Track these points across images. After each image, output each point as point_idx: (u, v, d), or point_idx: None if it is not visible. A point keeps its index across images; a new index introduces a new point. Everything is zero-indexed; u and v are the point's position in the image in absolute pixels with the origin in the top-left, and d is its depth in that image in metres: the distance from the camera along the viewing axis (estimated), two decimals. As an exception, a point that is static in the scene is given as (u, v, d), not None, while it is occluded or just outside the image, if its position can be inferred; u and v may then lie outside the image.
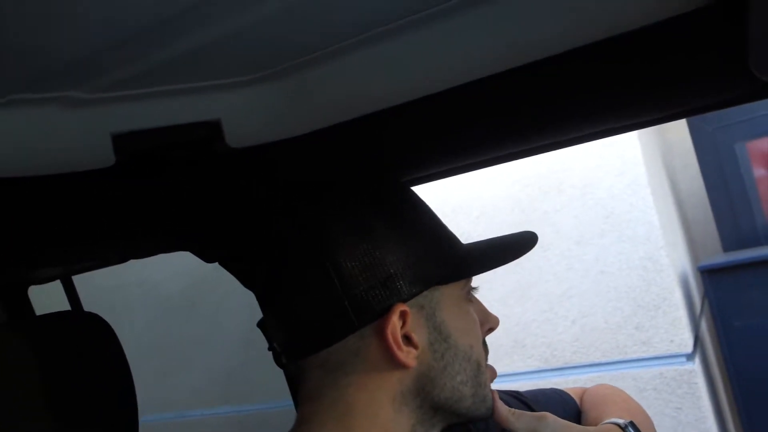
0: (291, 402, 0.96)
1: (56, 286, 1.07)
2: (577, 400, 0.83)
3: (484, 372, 0.65)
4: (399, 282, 0.59)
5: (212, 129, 0.63)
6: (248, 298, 0.76)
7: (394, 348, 0.58)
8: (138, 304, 2.53)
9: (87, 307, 1.13)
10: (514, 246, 0.69)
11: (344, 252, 0.59)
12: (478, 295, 0.70)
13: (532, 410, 0.78)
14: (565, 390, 0.84)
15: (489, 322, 0.69)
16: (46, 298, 1.15)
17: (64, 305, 1.11)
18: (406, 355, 0.58)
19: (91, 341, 0.73)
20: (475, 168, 0.77)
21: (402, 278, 0.59)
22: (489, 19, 0.55)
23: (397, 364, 0.59)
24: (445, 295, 0.62)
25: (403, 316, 0.59)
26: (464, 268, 0.64)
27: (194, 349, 2.49)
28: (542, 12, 0.53)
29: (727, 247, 2.24)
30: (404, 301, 0.59)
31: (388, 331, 0.57)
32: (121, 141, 0.60)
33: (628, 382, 1.80)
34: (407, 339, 0.59)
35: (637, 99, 0.57)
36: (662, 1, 0.47)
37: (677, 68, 0.51)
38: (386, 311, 0.58)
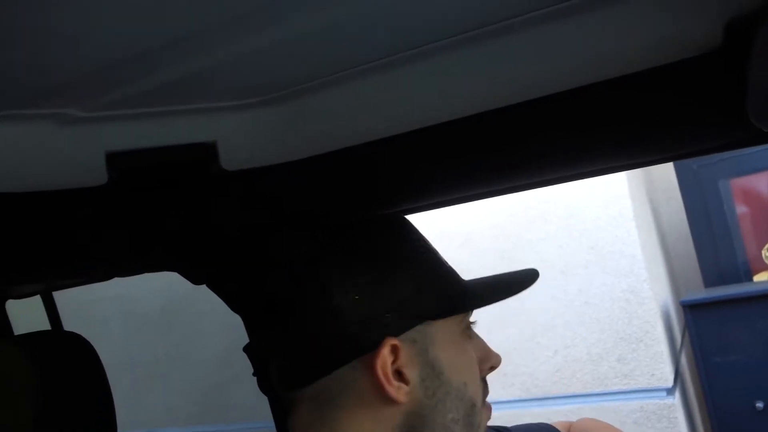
0: (267, 423, 0.94)
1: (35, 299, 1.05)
2: (564, 434, 0.82)
3: (478, 413, 0.63)
4: (391, 316, 0.58)
5: (208, 151, 0.62)
6: (226, 317, 0.75)
7: (384, 382, 0.57)
8: (114, 319, 2.49)
9: (62, 319, 1.11)
10: (513, 283, 0.69)
11: (336, 287, 0.58)
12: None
13: None
14: (552, 424, 0.84)
15: (490, 360, 0.68)
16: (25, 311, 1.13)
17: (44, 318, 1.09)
18: (396, 391, 0.58)
19: (73, 361, 0.71)
20: (470, 200, 0.77)
21: (394, 313, 0.58)
22: (487, 57, 0.56)
23: (387, 400, 0.58)
24: (439, 330, 0.62)
25: (394, 350, 0.58)
26: (459, 303, 0.64)
27: (170, 366, 2.45)
28: (539, 53, 0.54)
29: (708, 282, 2.27)
30: (396, 335, 0.58)
31: (378, 365, 0.57)
32: (115, 160, 0.59)
33: (609, 414, 1.80)
34: (399, 374, 0.58)
35: (632, 141, 0.57)
36: (663, 47, 0.47)
37: (674, 113, 0.52)
38: (377, 345, 0.57)
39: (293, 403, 0.61)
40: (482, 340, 0.69)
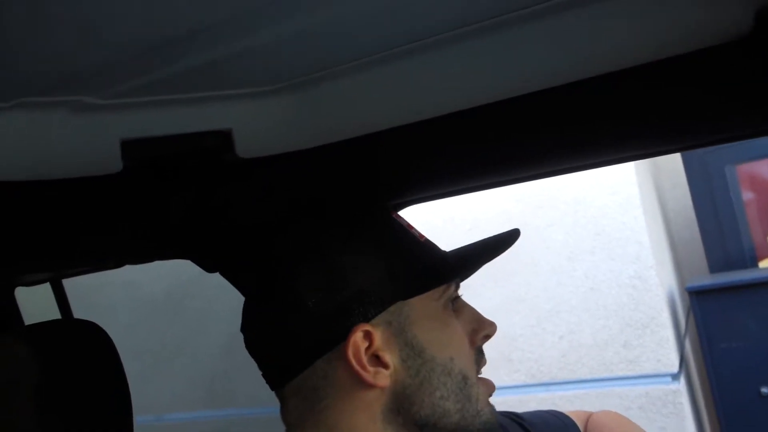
0: (273, 409, 0.94)
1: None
2: (581, 426, 0.82)
3: (472, 385, 0.62)
4: (358, 303, 0.58)
5: (223, 138, 0.62)
6: (233, 302, 0.75)
7: (359, 369, 0.57)
8: (121, 305, 2.49)
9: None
10: (491, 247, 0.66)
11: (303, 285, 0.59)
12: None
13: None
14: (568, 413, 0.83)
15: (484, 329, 0.66)
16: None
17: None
18: (374, 376, 0.58)
19: (88, 350, 0.71)
20: (482, 189, 0.77)
21: (360, 300, 0.58)
22: (502, 47, 0.55)
23: (367, 385, 0.58)
24: (416, 308, 0.61)
25: (368, 336, 0.58)
26: (430, 279, 0.62)
27: (177, 352, 2.46)
28: (558, 42, 0.53)
29: (713, 268, 2.26)
30: (367, 321, 0.58)
31: (350, 354, 0.57)
32: (130, 147, 0.59)
33: (614, 400, 1.81)
34: (377, 358, 0.58)
35: (655, 130, 0.57)
36: (693, 33, 0.47)
37: (704, 100, 0.51)
38: (346, 334, 0.57)
39: (282, 398, 0.62)
40: (474, 310, 0.67)
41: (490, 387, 0.66)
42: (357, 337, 0.57)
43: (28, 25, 0.41)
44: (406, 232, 0.65)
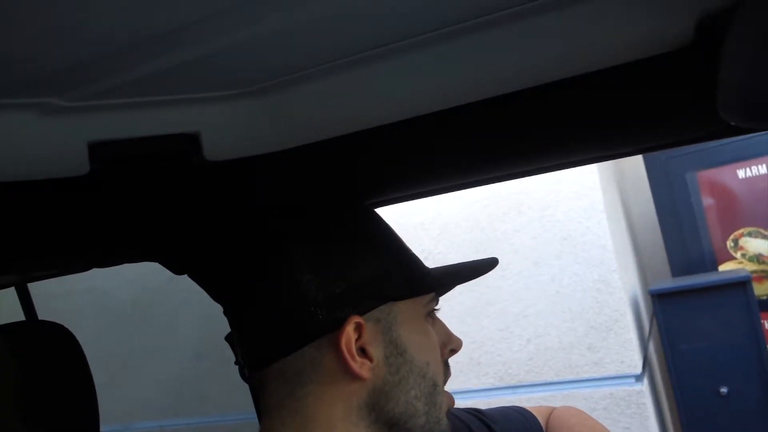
0: (243, 415, 0.95)
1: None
2: (542, 422, 0.84)
3: (440, 393, 0.66)
4: (355, 296, 0.61)
5: (191, 141, 0.62)
6: (202, 308, 0.76)
7: (348, 358, 0.59)
8: (87, 312, 2.46)
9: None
10: (471, 269, 0.71)
11: (302, 267, 0.61)
12: (438, 315, 0.72)
13: (490, 429, 0.79)
14: (531, 409, 0.86)
15: (452, 343, 0.71)
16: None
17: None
18: (360, 366, 0.60)
19: (54, 351, 0.71)
20: (448, 191, 0.79)
21: (358, 293, 0.61)
22: (466, 51, 0.57)
23: (351, 375, 0.60)
24: (403, 311, 0.64)
25: (358, 328, 0.60)
26: (420, 286, 0.67)
27: (145, 359, 2.43)
28: (519, 48, 0.55)
29: (675, 272, 2.32)
30: (360, 314, 0.61)
31: (342, 342, 0.59)
32: (98, 150, 0.59)
33: (579, 401, 1.84)
34: (363, 351, 0.61)
35: (606, 134, 0.59)
36: (639, 42, 0.49)
37: (647, 106, 0.54)
38: (341, 323, 0.60)
39: (262, 382, 0.64)
40: (444, 325, 0.72)
41: (451, 400, 0.70)
42: (350, 327, 0.60)
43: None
44: (401, 242, 0.69)
